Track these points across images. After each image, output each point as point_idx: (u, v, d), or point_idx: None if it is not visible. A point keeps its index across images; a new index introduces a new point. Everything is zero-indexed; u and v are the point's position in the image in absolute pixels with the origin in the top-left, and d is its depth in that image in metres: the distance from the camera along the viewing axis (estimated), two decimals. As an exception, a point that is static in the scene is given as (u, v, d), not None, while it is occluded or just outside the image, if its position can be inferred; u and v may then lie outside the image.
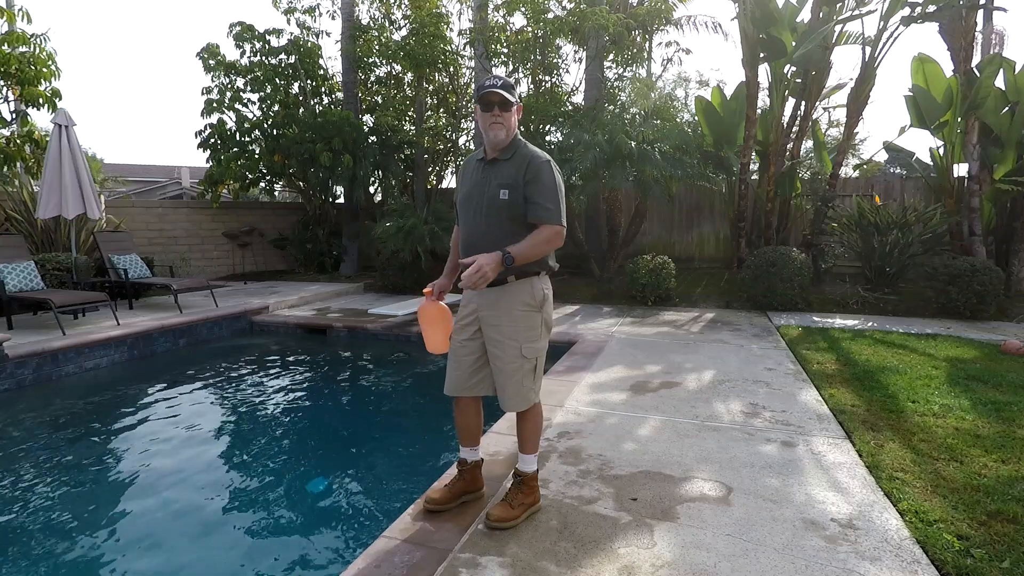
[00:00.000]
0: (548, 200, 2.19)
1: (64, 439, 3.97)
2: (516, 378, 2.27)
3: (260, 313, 7.48)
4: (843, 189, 9.66)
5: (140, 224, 10.37)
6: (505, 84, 2.20)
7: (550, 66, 10.09)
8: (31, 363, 5.07)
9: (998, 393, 3.89)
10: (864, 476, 2.71)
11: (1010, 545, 2.15)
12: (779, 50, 8.15)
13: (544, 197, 2.19)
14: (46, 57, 7.58)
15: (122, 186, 16.36)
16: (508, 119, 2.22)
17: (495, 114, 2.20)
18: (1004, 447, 3.01)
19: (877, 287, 7.80)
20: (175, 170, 22.58)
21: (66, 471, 3.48)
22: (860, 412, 3.54)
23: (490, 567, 2.04)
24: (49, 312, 6.19)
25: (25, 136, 7.98)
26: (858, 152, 14.47)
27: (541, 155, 2.26)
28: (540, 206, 2.18)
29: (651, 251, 8.59)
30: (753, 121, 8.44)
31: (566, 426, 3.38)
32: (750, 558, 2.09)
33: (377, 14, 12.09)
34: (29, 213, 8.28)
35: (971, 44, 7.54)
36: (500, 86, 2.19)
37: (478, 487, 2.51)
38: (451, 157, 12.91)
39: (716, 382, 4.26)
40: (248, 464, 3.63)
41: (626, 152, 7.86)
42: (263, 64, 10.71)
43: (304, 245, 11.58)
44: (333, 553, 2.64)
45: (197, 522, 2.89)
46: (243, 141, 10.89)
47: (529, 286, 2.28)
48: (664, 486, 2.63)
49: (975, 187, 7.60)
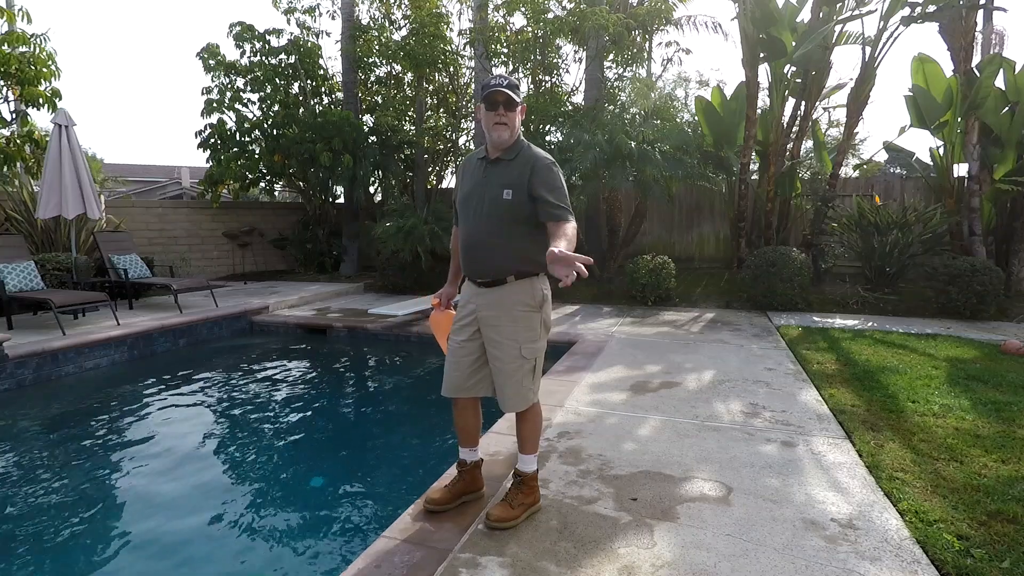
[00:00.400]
0: (561, 199, 2.21)
1: (64, 439, 3.97)
2: (516, 378, 2.27)
3: (260, 313, 7.48)
4: (843, 189, 9.65)
5: (140, 224, 10.37)
6: (511, 83, 2.21)
7: (550, 66, 10.09)
8: (31, 363, 5.07)
9: (998, 393, 3.89)
10: (864, 476, 2.71)
11: (1010, 545, 2.15)
12: (779, 50, 8.15)
13: (556, 197, 2.20)
14: (46, 57, 7.58)
15: (122, 186, 16.36)
16: (512, 119, 2.22)
17: (500, 113, 2.20)
18: (1004, 447, 3.01)
19: (877, 287, 7.80)
20: (175, 170, 22.57)
21: (66, 471, 3.48)
22: (860, 412, 3.54)
23: (490, 567, 2.04)
24: (49, 312, 6.19)
25: (25, 136, 7.98)
26: (858, 152, 14.48)
27: (546, 156, 2.27)
28: (555, 205, 2.19)
29: (651, 251, 8.58)
30: (753, 121, 8.44)
31: (566, 426, 3.38)
32: (750, 558, 2.09)
33: (377, 14, 12.10)
34: (29, 213, 8.28)
35: (971, 44, 7.54)
36: (506, 85, 2.19)
37: (478, 487, 2.51)
38: (451, 157, 12.91)
39: (716, 382, 4.26)
40: (248, 464, 3.63)
41: (626, 152, 7.86)
42: (263, 64, 10.70)
43: (304, 245, 11.58)
44: (333, 553, 2.64)
45: (197, 522, 2.89)
46: (243, 141, 10.89)
47: (529, 286, 2.28)
48: (664, 486, 2.63)
49: (975, 187, 7.60)
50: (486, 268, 2.28)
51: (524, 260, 2.26)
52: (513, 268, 2.25)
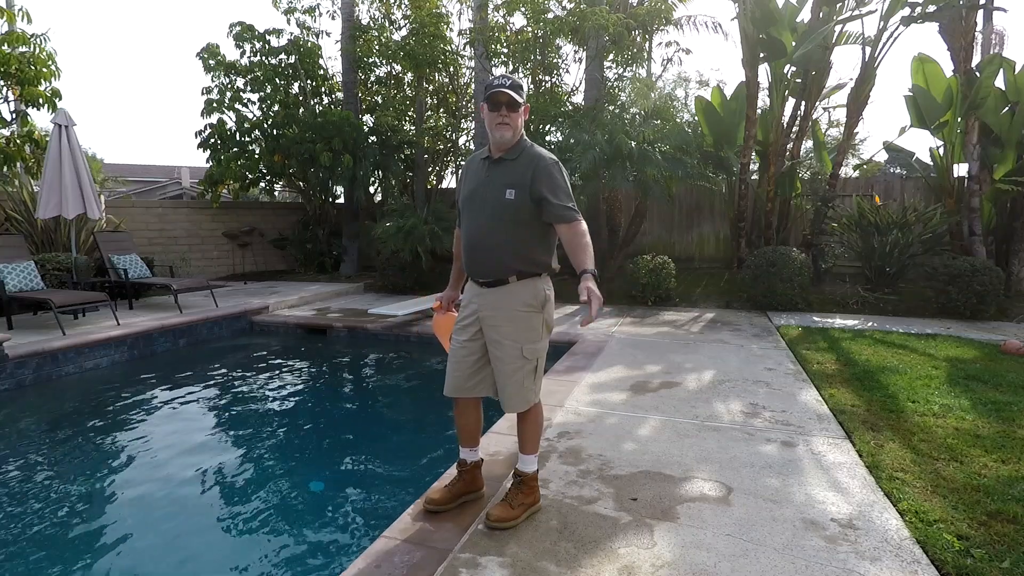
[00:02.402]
0: (567, 199, 2.21)
1: (64, 439, 3.97)
2: (516, 378, 2.26)
3: (260, 313, 7.48)
4: (843, 189, 9.65)
5: (140, 224, 10.37)
6: (514, 84, 2.21)
7: (550, 66, 10.09)
8: (31, 363, 5.07)
9: (998, 393, 3.89)
10: (864, 476, 2.71)
11: (1010, 545, 2.15)
12: (779, 50, 8.15)
13: (560, 197, 2.20)
14: (46, 57, 7.58)
15: (122, 186, 16.35)
16: (515, 119, 2.22)
17: (502, 114, 2.20)
18: (1004, 447, 3.01)
19: (877, 287, 7.80)
20: (175, 170, 22.56)
21: (66, 471, 3.48)
22: (860, 412, 3.54)
23: (490, 567, 2.04)
24: (49, 312, 6.18)
25: (25, 136, 7.98)
26: (858, 152, 14.48)
27: (549, 156, 2.26)
28: (562, 206, 2.19)
29: (651, 251, 8.58)
30: (753, 121, 8.44)
31: (566, 426, 3.38)
32: (750, 558, 2.09)
33: (377, 14, 12.10)
34: (29, 213, 8.28)
35: (971, 44, 7.54)
36: (509, 86, 2.19)
37: (478, 487, 2.51)
38: (451, 157, 12.91)
39: (716, 382, 4.26)
40: (248, 464, 3.63)
41: (626, 152, 7.86)
42: (263, 64, 10.71)
43: (304, 245, 11.58)
44: (333, 553, 2.64)
45: (197, 522, 2.89)
46: (243, 141, 10.89)
47: (531, 286, 2.28)
48: (664, 486, 2.63)
49: (975, 187, 7.60)
50: (488, 268, 2.28)
51: (526, 260, 2.26)
52: (515, 268, 2.25)
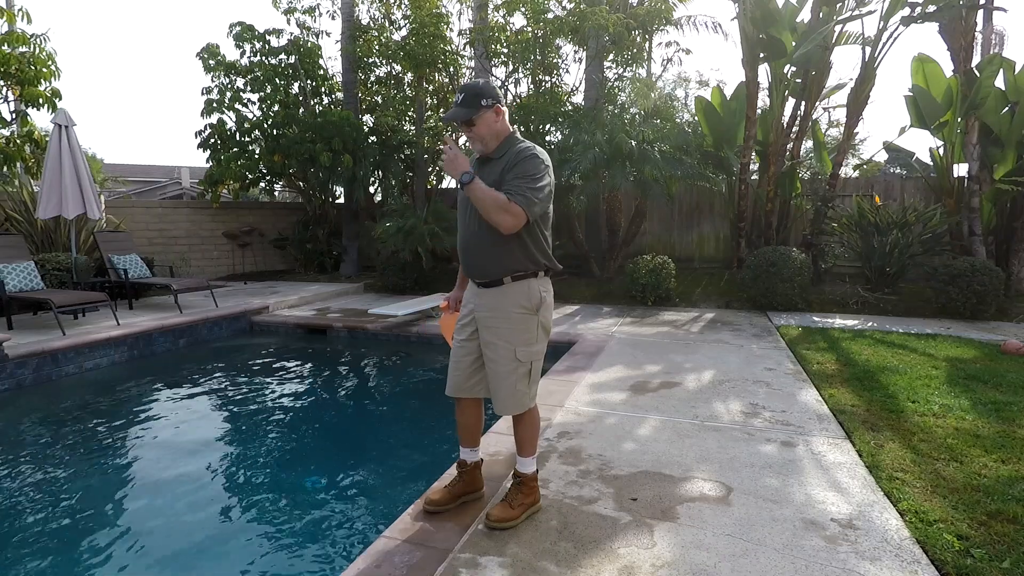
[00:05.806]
0: (525, 182, 2.12)
1: (64, 439, 3.96)
2: (510, 381, 2.25)
3: (260, 313, 7.48)
4: (843, 189, 9.65)
5: (140, 224, 10.37)
6: (465, 99, 2.20)
7: (550, 66, 10.09)
8: (31, 363, 5.07)
9: (998, 393, 3.89)
10: (864, 476, 2.71)
11: (1010, 545, 2.15)
12: (779, 50, 8.15)
13: (519, 179, 2.13)
14: (46, 57, 7.58)
15: (122, 186, 16.38)
16: (480, 130, 2.22)
17: (465, 131, 2.26)
18: (1004, 447, 3.01)
19: (877, 287, 7.80)
20: (175, 170, 22.55)
21: (66, 472, 3.48)
22: (860, 412, 3.54)
23: (490, 567, 2.04)
24: (49, 312, 6.19)
25: (25, 136, 7.98)
26: (858, 152, 14.49)
27: (528, 147, 2.22)
28: (512, 185, 2.13)
29: (651, 251, 8.59)
30: (753, 121, 8.44)
31: (566, 426, 3.38)
32: (750, 558, 2.09)
33: (377, 14, 12.10)
34: (29, 213, 8.27)
35: (971, 44, 7.54)
36: (451, 115, 2.22)
37: (478, 487, 2.50)
38: (451, 157, 12.87)
39: (716, 382, 4.26)
40: (248, 464, 3.63)
41: (626, 152, 7.86)
42: (263, 64, 10.70)
43: (304, 245, 11.58)
44: (333, 553, 2.64)
45: (196, 522, 2.89)
46: (243, 141, 10.89)
47: (526, 287, 2.26)
48: (664, 486, 2.63)
49: (975, 187, 7.60)
50: (481, 268, 2.28)
51: (518, 260, 2.24)
52: (508, 268, 2.23)
